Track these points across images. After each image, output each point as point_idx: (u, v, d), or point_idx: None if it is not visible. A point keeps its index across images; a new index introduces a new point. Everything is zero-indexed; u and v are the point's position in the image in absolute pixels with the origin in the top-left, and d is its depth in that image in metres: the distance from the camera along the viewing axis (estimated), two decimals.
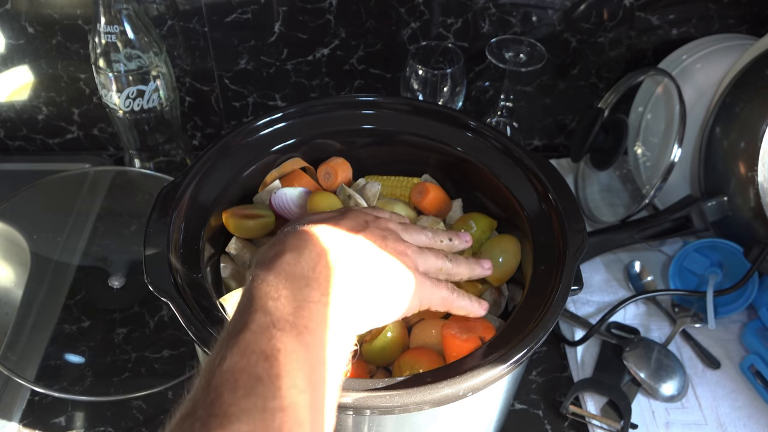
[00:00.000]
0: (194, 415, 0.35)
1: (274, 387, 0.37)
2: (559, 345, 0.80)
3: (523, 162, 0.65)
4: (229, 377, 0.37)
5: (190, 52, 0.94)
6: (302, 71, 0.96)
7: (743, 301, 0.80)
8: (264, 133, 0.68)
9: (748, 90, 0.79)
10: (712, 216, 0.82)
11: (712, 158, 0.83)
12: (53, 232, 0.88)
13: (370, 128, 0.70)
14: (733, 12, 0.93)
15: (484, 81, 0.99)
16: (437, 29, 0.93)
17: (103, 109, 0.87)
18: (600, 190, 0.97)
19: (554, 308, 0.53)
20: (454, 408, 0.51)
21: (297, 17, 0.90)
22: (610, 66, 0.98)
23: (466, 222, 0.66)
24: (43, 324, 0.79)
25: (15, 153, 1.05)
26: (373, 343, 0.57)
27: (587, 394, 0.74)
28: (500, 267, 0.62)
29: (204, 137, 1.04)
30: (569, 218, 0.59)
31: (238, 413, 0.35)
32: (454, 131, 0.69)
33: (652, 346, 0.77)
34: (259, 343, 0.39)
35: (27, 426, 0.71)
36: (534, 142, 1.07)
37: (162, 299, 0.52)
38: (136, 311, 0.81)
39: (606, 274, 0.88)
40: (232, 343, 0.39)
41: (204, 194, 0.62)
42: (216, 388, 0.36)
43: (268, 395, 0.36)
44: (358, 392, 0.47)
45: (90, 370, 0.75)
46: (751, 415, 0.73)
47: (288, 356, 0.38)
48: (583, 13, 0.92)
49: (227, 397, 0.36)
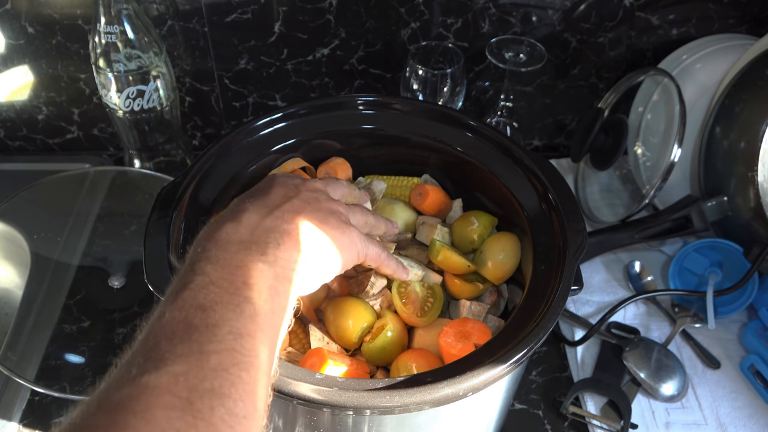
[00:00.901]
0: (132, 362, 0.36)
1: (209, 333, 0.37)
2: (559, 345, 0.80)
3: (523, 162, 0.65)
4: (167, 328, 0.38)
5: (190, 52, 0.94)
6: (302, 71, 0.96)
7: (743, 301, 0.80)
8: (264, 133, 0.68)
9: (748, 90, 0.79)
10: (712, 216, 0.82)
11: (712, 158, 0.83)
12: (53, 232, 0.88)
13: (370, 128, 0.70)
14: (733, 12, 0.93)
15: (484, 81, 0.99)
16: (437, 29, 0.93)
17: (103, 109, 0.87)
18: (600, 190, 0.97)
19: (554, 308, 0.53)
20: (455, 408, 0.51)
21: (297, 17, 0.90)
22: (610, 66, 0.98)
23: (467, 218, 0.66)
24: (43, 324, 0.79)
25: (15, 153, 1.05)
26: (373, 343, 0.57)
27: (587, 394, 0.74)
28: (500, 265, 0.62)
29: (204, 137, 1.04)
30: (569, 218, 0.59)
31: (174, 357, 0.36)
32: (454, 131, 0.69)
33: (652, 346, 0.77)
34: (196, 298, 0.40)
35: (27, 426, 0.71)
36: (534, 142, 1.07)
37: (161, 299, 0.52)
38: (136, 311, 0.81)
39: (606, 274, 0.88)
40: (171, 299, 0.40)
41: (204, 194, 0.62)
42: (154, 337, 0.37)
43: (204, 340, 0.37)
44: (358, 392, 0.47)
45: (90, 370, 0.75)
46: (751, 415, 0.73)
47: (225, 307, 0.39)
48: (583, 13, 0.92)
49: (164, 345, 0.37)
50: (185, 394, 0.34)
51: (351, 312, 0.58)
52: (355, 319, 0.58)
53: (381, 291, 0.61)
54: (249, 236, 0.45)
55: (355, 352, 0.60)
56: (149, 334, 0.38)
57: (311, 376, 0.48)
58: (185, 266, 0.44)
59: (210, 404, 0.34)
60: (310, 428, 0.53)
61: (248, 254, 0.43)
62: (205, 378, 0.35)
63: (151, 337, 0.37)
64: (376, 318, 0.60)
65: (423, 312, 0.60)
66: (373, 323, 0.59)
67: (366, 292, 0.60)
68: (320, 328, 0.60)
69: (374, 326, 0.59)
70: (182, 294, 0.40)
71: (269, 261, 0.44)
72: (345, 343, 0.59)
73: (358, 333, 0.58)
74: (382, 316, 0.60)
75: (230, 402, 0.35)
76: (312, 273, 0.48)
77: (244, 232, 0.45)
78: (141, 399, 0.33)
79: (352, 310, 0.58)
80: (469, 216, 0.66)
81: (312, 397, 0.47)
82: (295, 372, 0.48)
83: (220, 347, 0.37)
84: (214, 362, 0.36)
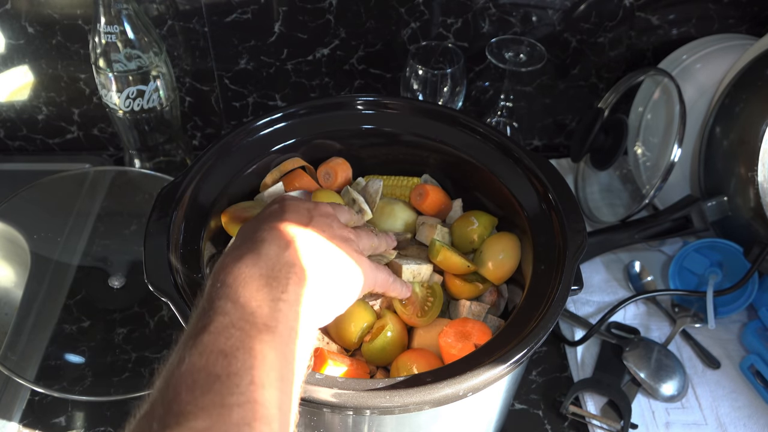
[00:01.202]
0: (152, 414, 0.35)
1: (231, 384, 0.36)
2: (559, 345, 0.80)
3: (523, 162, 0.65)
4: (187, 377, 0.37)
5: (190, 52, 0.94)
6: (302, 71, 0.96)
7: (743, 301, 0.80)
8: (264, 133, 0.68)
9: (748, 90, 0.79)
10: (712, 216, 0.82)
11: (712, 158, 0.83)
12: (53, 232, 0.88)
13: (370, 128, 0.70)
14: (733, 12, 0.93)
15: (484, 81, 0.99)
16: (437, 29, 0.93)
17: (103, 109, 0.87)
18: (600, 190, 0.97)
19: (554, 308, 0.53)
20: (455, 408, 0.51)
21: (297, 17, 0.90)
22: (610, 66, 0.98)
23: (467, 218, 0.66)
24: (43, 324, 0.79)
25: (15, 153, 1.05)
26: (373, 343, 0.57)
27: (587, 394, 0.74)
28: (500, 265, 0.62)
29: (204, 137, 1.04)
30: (569, 218, 0.59)
31: (195, 411, 0.35)
32: (454, 131, 0.69)
33: (652, 346, 0.77)
34: (217, 343, 0.38)
35: (27, 426, 0.71)
36: (534, 142, 1.07)
37: (162, 299, 0.53)
38: (136, 311, 0.81)
39: (606, 274, 0.88)
40: (191, 344, 0.39)
41: (204, 194, 0.62)
42: (174, 388, 0.36)
43: (225, 392, 0.36)
44: (358, 392, 0.47)
45: (90, 370, 0.75)
46: (751, 415, 0.73)
47: (246, 354, 0.38)
48: (583, 13, 0.92)
49: (185, 396, 0.36)
50: None
51: (351, 312, 0.58)
52: (355, 319, 0.58)
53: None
54: (269, 271, 0.44)
55: (355, 353, 0.60)
56: (169, 383, 0.37)
57: (311, 376, 0.48)
58: (203, 302, 0.43)
59: None
60: (310, 428, 0.53)
61: (270, 292, 0.42)
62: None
63: (171, 387, 0.36)
64: (376, 318, 0.60)
65: (423, 312, 0.60)
66: (373, 323, 0.59)
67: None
68: (320, 328, 0.60)
69: (374, 326, 0.59)
70: (202, 338, 0.39)
71: (290, 300, 0.43)
72: (345, 343, 0.59)
73: (358, 333, 0.58)
74: (382, 316, 0.60)
75: None
76: (329, 307, 0.48)
77: (264, 266, 0.44)
78: None
79: (352, 310, 0.58)
80: (469, 216, 0.66)
81: (313, 397, 0.47)
82: None
83: (242, 399, 0.36)
84: (236, 417, 0.35)
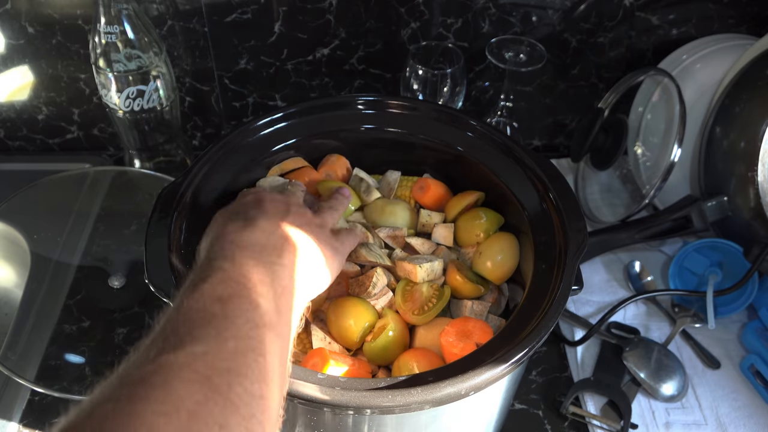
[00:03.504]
0: (150, 346, 0.37)
1: (227, 322, 0.39)
2: (559, 345, 0.80)
3: (524, 161, 0.65)
4: (185, 316, 0.39)
5: (190, 52, 0.94)
6: (302, 71, 0.96)
7: (743, 301, 0.80)
8: (264, 133, 0.68)
9: (748, 90, 0.79)
10: (712, 216, 0.82)
11: (712, 158, 0.83)
12: (53, 232, 0.88)
13: (370, 128, 0.70)
14: (733, 12, 0.93)
15: (484, 81, 0.99)
16: (437, 29, 0.93)
17: (103, 109, 0.87)
18: (600, 190, 0.97)
19: (554, 308, 0.53)
20: (455, 407, 0.51)
21: (297, 17, 0.90)
22: (610, 66, 0.98)
23: (476, 213, 0.66)
24: (43, 324, 0.79)
25: (15, 153, 1.04)
26: (374, 342, 0.57)
27: (587, 394, 0.74)
28: (499, 265, 0.62)
29: (204, 137, 1.04)
30: (570, 217, 0.59)
31: (192, 340, 0.37)
32: (455, 131, 0.69)
33: (652, 346, 0.77)
34: (215, 290, 0.41)
35: (27, 426, 0.71)
36: (534, 142, 1.07)
37: (162, 299, 0.53)
38: (136, 311, 0.81)
39: (606, 274, 0.88)
40: (189, 291, 0.41)
41: (204, 194, 0.62)
42: (173, 324, 0.39)
43: (221, 327, 0.39)
44: (360, 392, 0.47)
45: (90, 370, 0.75)
46: (751, 415, 0.73)
47: (242, 300, 0.41)
48: (583, 13, 0.92)
49: (182, 330, 0.38)
50: (204, 371, 0.35)
51: (352, 312, 0.58)
52: (357, 318, 0.58)
53: (382, 290, 0.61)
54: (265, 240, 0.47)
55: (356, 352, 0.60)
56: (167, 322, 0.39)
57: (313, 375, 0.48)
58: (203, 261, 0.46)
59: (227, 381, 0.36)
60: (310, 428, 0.53)
61: (266, 256, 0.46)
62: (223, 359, 0.37)
63: (170, 324, 0.39)
64: (378, 317, 0.60)
65: (421, 311, 0.60)
66: (374, 323, 0.59)
67: (368, 292, 0.60)
68: (322, 328, 0.60)
69: (376, 326, 0.59)
70: (201, 286, 0.41)
71: (286, 265, 0.47)
72: (347, 343, 0.59)
73: (359, 333, 0.58)
74: (384, 316, 0.60)
75: (247, 381, 0.37)
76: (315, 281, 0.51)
77: (260, 236, 0.47)
78: (160, 373, 0.35)
79: (353, 309, 0.58)
80: (478, 211, 0.67)
81: (314, 397, 0.47)
82: (297, 372, 0.49)
83: (237, 334, 0.39)
84: (231, 346, 0.38)
